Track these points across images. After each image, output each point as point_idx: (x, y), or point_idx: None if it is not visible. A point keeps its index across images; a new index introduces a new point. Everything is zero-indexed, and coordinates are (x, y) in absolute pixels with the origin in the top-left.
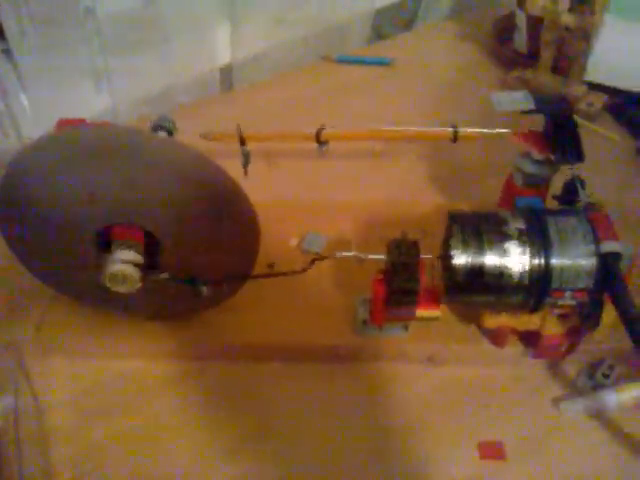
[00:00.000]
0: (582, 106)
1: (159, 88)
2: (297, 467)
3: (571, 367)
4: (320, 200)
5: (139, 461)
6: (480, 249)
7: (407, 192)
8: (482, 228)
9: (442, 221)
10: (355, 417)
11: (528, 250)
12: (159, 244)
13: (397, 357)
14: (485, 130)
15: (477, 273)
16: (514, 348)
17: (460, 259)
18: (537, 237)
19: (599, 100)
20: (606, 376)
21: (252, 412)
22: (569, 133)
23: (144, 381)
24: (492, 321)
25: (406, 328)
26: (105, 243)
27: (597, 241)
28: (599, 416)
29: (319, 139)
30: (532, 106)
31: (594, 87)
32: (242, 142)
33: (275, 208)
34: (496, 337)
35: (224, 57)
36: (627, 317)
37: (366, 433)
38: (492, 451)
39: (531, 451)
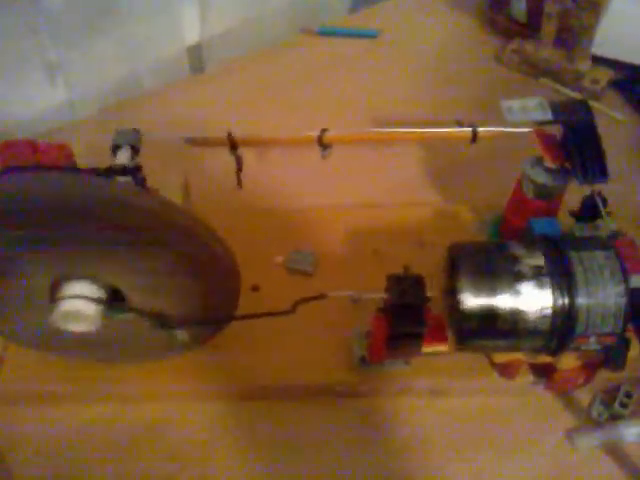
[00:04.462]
0: (586, 83)
1: (121, 76)
2: None
3: (585, 395)
4: (307, 206)
5: None
6: (491, 291)
7: (401, 192)
8: (492, 266)
9: (441, 228)
10: (356, 456)
11: (549, 291)
12: (125, 297)
13: (398, 391)
14: (505, 129)
15: (489, 318)
16: (524, 377)
17: (469, 303)
18: (559, 277)
19: (605, 76)
20: (624, 405)
21: (247, 455)
22: (591, 147)
23: (122, 428)
24: (502, 355)
25: (407, 362)
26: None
27: (625, 275)
28: (616, 449)
29: (322, 143)
30: (548, 116)
31: (598, 61)
32: (234, 147)
33: (258, 218)
34: (506, 370)
35: (192, 36)
36: None
37: (368, 472)
38: None
39: None
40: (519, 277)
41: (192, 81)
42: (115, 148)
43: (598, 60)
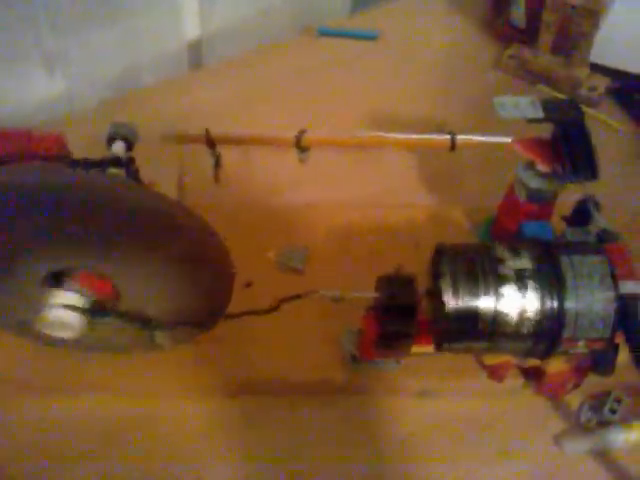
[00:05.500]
0: (583, 91)
1: (120, 69)
2: None
3: (574, 399)
4: (300, 203)
5: None
6: (473, 293)
7: (396, 192)
8: (475, 268)
9: (434, 229)
10: (343, 453)
11: (534, 295)
12: (115, 289)
13: (387, 391)
14: (484, 138)
15: (470, 320)
16: (514, 380)
17: (451, 304)
18: (548, 280)
19: (602, 84)
20: (613, 411)
21: (237, 451)
22: (581, 145)
23: (112, 422)
24: (493, 358)
25: (399, 361)
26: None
27: (615, 281)
28: (604, 455)
29: (299, 145)
30: (540, 114)
31: (596, 68)
32: (211, 145)
33: (250, 214)
34: (495, 371)
35: (192, 31)
36: None
37: (354, 470)
38: None
39: None
40: (502, 280)
41: (191, 77)
42: (110, 140)
43: (596, 68)
